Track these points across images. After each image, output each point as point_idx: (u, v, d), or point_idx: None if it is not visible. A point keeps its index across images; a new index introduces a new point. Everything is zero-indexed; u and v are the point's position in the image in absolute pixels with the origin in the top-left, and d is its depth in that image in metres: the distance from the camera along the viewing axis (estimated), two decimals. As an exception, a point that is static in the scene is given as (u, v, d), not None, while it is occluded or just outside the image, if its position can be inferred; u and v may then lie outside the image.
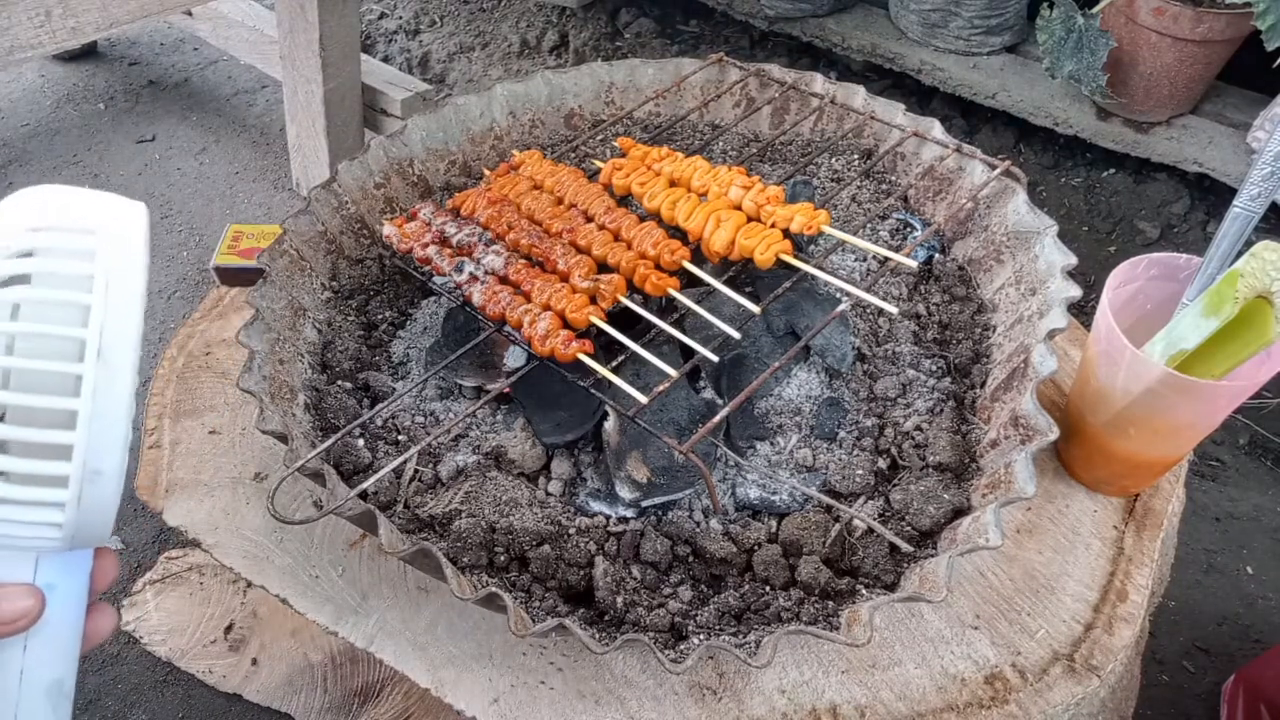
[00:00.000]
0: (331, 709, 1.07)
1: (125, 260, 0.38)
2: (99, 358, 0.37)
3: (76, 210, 0.38)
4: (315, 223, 0.90)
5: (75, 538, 0.40)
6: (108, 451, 0.38)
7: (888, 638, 0.73)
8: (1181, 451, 0.81)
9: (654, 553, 0.73)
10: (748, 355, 0.85)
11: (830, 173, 1.07)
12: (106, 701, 1.19)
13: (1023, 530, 0.80)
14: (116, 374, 0.37)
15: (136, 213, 0.39)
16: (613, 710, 0.69)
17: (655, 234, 0.83)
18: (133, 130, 2.16)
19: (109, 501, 0.39)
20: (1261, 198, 0.70)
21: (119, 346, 0.37)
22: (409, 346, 0.90)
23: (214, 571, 1.15)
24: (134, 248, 0.38)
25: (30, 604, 0.40)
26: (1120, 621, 0.74)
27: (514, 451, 0.80)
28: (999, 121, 1.96)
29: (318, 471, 0.68)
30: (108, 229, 0.38)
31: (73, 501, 0.38)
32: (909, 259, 0.81)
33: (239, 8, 1.99)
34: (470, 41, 2.41)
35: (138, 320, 0.38)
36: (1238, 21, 1.55)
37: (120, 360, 0.37)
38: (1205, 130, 1.73)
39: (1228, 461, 1.51)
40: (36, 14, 1.19)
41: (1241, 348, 0.70)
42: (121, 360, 0.37)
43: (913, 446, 0.80)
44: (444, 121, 1.02)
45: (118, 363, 0.37)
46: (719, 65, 1.11)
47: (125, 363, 0.38)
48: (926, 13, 1.90)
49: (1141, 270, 0.80)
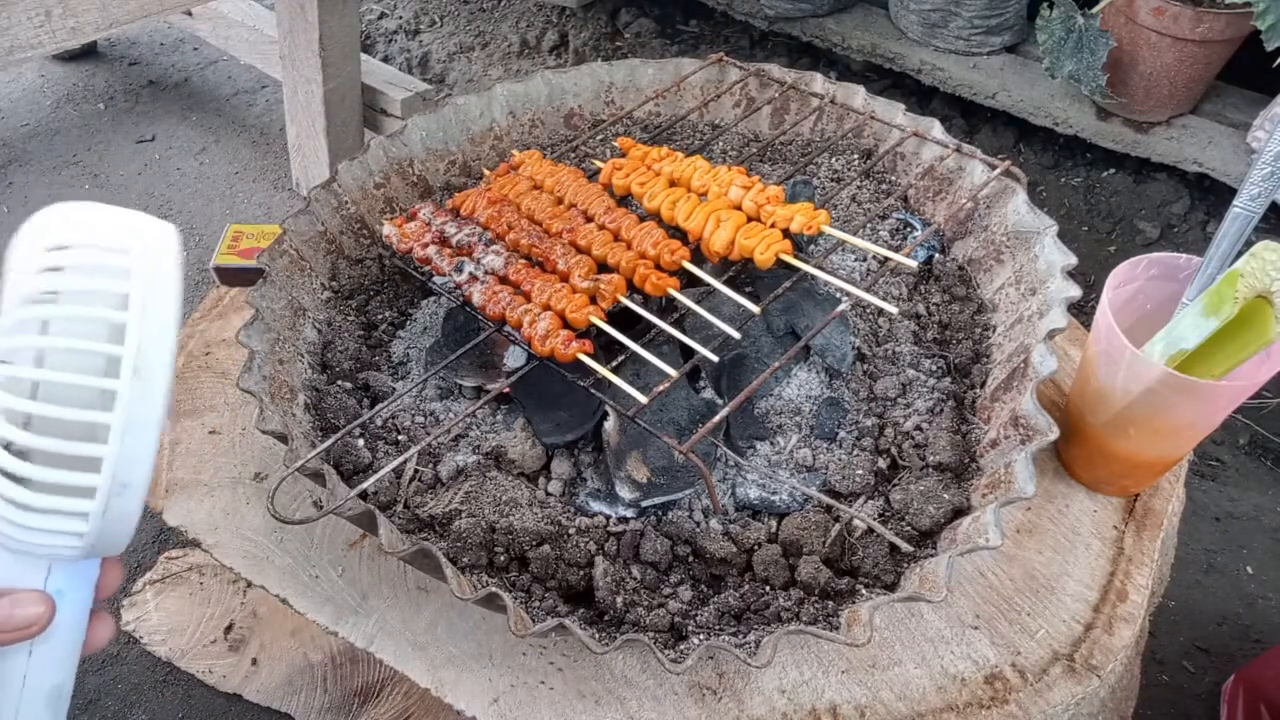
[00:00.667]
0: (331, 709, 1.07)
1: (161, 280, 0.38)
2: (135, 375, 0.37)
3: (109, 228, 0.39)
4: (315, 223, 0.90)
5: (94, 548, 0.41)
6: (137, 465, 0.39)
7: (888, 638, 0.73)
8: (1181, 451, 0.81)
9: (654, 553, 0.73)
10: (748, 355, 0.85)
11: (830, 173, 1.07)
12: (106, 701, 1.19)
13: (1023, 530, 0.80)
14: (151, 390, 0.38)
15: (168, 234, 0.40)
16: (613, 710, 0.69)
17: (655, 234, 0.83)
18: (132, 130, 2.16)
19: (132, 514, 0.40)
20: (1261, 198, 0.70)
21: (155, 364, 0.38)
22: (409, 346, 0.90)
23: (214, 571, 1.15)
24: (168, 268, 0.39)
25: (41, 610, 0.41)
26: (1120, 621, 0.74)
27: (514, 451, 0.80)
28: (999, 121, 1.96)
29: (318, 471, 0.68)
30: (141, 248, 0.38)
31: (98, 513, 0.39)
32: (909, 259, 0.81)
33: (239, 8, 1.99)
34: (470, 41, 2.41)
35: (173, 339, 0.39)
36: (1237, 21, 1.55)
37: (156, 377, 0.38)
38: (1205, 130, 1.73)
39: (1228, 461, 1.51)
40: (36, 14, 1.19)
41: (1241, 348, 0.70)
42: (157, 377, 0.38)
43: (913, 446, 0.80)
44: (444, 121, 1.02)
45: (153, 380, 0.38)
46: (719, 65, 1.11)
47: (160, 380, 0.38)
48: (926, 13, 1.90)
49: (1141, 270, 0.80)
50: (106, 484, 0.38)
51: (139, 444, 0.38)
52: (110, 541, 0.41)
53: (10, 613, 0.40)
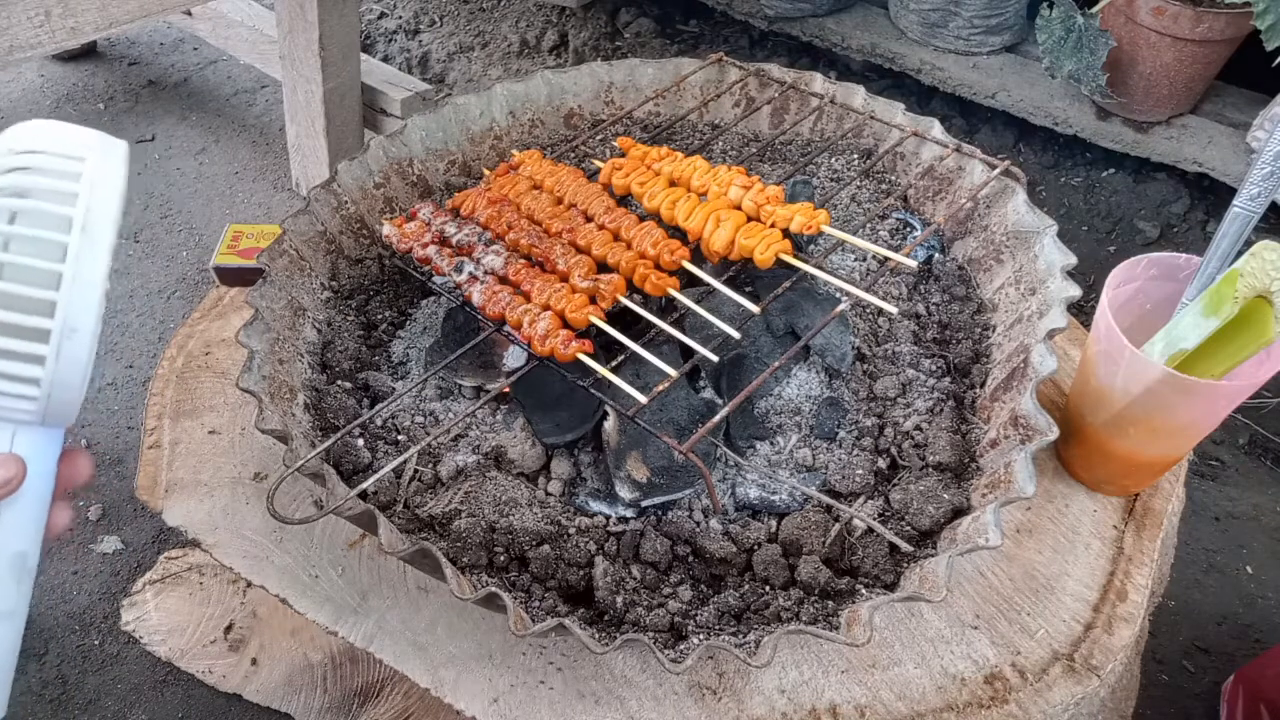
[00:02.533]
0: (331, 709, 1.07)
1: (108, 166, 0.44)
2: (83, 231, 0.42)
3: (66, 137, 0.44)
4: (315, 223, 0.90)
5: (49, 412, 0.44)
6: (84, 313, 0.43)
7: (887, 637, 0.73)
8: (1181, 451, 0.81)
9: (654, 553, 0.73)
10: (747, 355, 0.85)
11: (830, 172, 1.07)
12: (106, 701, 1.19)
13: (1022, 530, 0.80)
14: (97, 245, 0.43)
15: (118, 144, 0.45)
16: (613, 710, 0.69)
17: (655, 234, 0.83)
18: (132, 130, 2.16)
19: (80, 373, 0.44)
20: (1261, 197, 0.70)
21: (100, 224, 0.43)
22: (409, 346, 0.90)
23: (214, 571, 1.15)
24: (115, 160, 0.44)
25: (14, 471, 0.44)
26: (1120, 621, 0.74)
27: (514, 451, 0.80)
28: (999, 121, 1.96)
29: (317, 471, 0.68)
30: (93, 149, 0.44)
31: (51, 358, 0.43)
32: (909, 259, 0.81)
33: (239, 7, 1.99)
34: (470, 41, 2.41)
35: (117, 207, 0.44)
36: (1237, 21, 1.55)
37: (100, 235, 0.43)
38: (1205, 130, 1.73)
39: (1227, 461, 1.51)
40: (36, 14, 1.19)
41: (1241, 347, 0.70)
42: (101, 235, 0.43)
43: (912, 446, 0.80)
44: (444, 121, 1.02)
45: (98, 236, 0.43)
46: (719, 65, 1.11)
47: (104, 238, 0.43)
48: (926, 12, 1.90)
49: (1141, 270, 0.80)
50: (59, 328, 0.42)
51: (85, 292, 0.43)
52: (62, 409, 0.45)
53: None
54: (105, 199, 0.43)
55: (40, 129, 0.44)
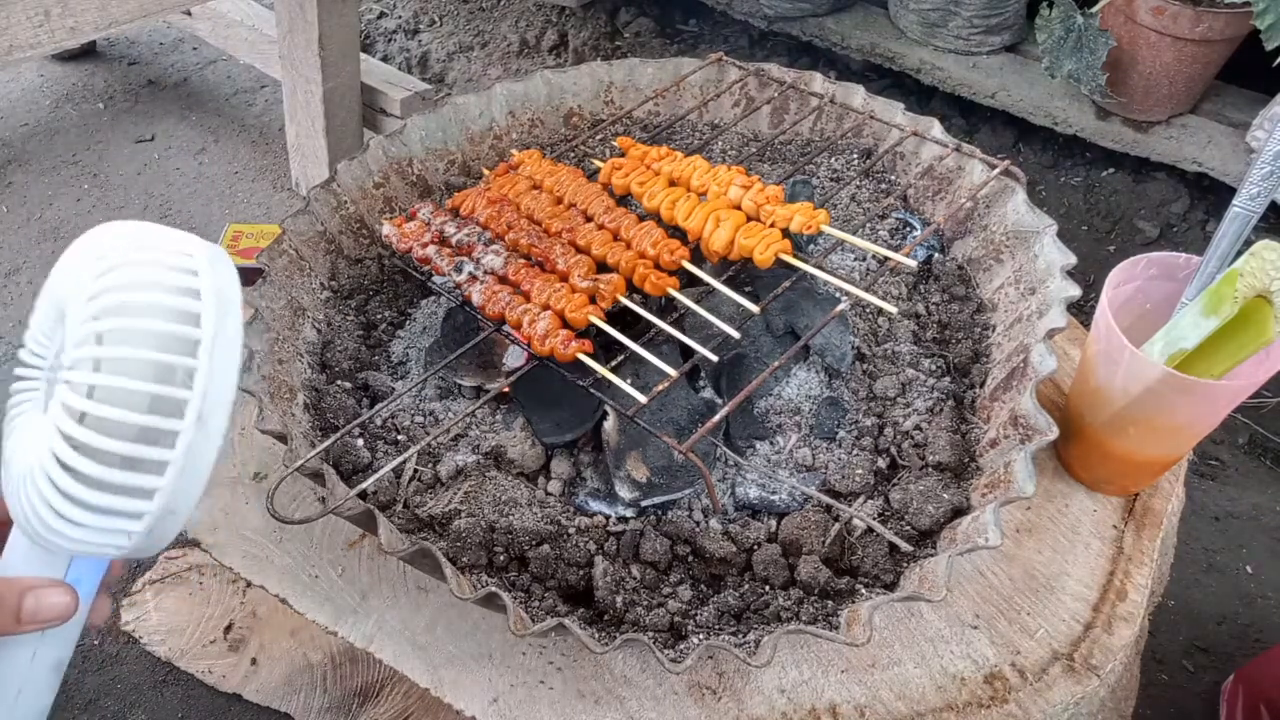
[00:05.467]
0: (331, 709, 1.07)
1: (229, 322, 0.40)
2: (199, 421, 0.39)
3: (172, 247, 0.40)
4: (314, 222, 0.90)
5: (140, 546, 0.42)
6: (185, 498, 0.41)
7: (887, 637, 0.73)
8: (1181, 451, 0.81)
9: (653, 552, 0.73)
10: (747, 355, 0.85)
11: (830, 172, 1.07)
12: (106, 701, 1.19)
13: (1022, 530, 0.80)
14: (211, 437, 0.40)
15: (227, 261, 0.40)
16: (612, 710, 0.69)
17: (654, 233, 0.83)
18: (132, 130, 2.16)
19: (171, 534, 0.42)
20: (1261, 197, 0.70)
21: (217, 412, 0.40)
22: (408, 346, 0.90)
23: (213, 571, 1.15)
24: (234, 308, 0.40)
25: (68, 601, 0.44)
26: (1120, 621, 0.74)
27: (513, 451, 0.79)
28: (998, 121, 1.96)
29: (317, 471, 0.68)
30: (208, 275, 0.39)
31: (142, 533, 0.41)
32: (908, 258, 0.81)
33: (238, 7, 1.98)
34: (470, 41, 2.41)
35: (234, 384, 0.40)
36: (1237, 21, 1.55)
37: (215, 425, 0.40)
38: (1204, 130, 1.73)
39: (1227, 461, 1.51)
40: (35, 14, 1.19)
41: (1241, 347, 0.70)
42: (217, 425, 0.40)
43: (912, 446, 0.80)
44: (443, 121, 1.02)
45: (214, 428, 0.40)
46: (718, 65, 1.11)
47: (219, 428, 0.40)
48: (926, 12, 1.89)
49: (1141, 269, 0.80)
50: (157, 511, 0.40)
51: (191, 483, 0.40)
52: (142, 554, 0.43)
53: (39, 605, 0.43)
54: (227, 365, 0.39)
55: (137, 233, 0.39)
